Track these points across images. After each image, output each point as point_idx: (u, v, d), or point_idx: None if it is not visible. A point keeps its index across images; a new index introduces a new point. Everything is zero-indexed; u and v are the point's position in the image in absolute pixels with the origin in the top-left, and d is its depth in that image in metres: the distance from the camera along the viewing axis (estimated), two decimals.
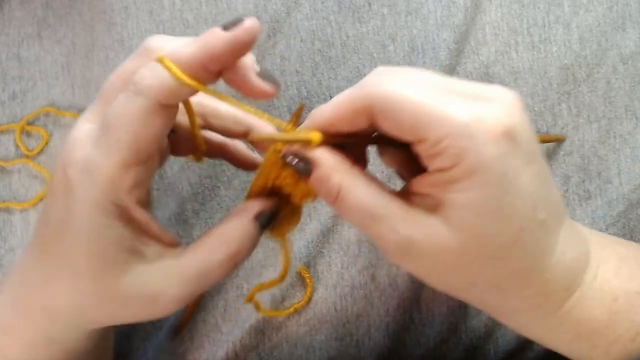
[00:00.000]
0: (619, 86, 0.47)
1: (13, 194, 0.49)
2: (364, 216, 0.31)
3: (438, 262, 0.31)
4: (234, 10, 0.46)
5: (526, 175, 0.30)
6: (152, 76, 0.30)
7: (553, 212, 0.32)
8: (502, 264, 0.31)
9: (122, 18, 0.47)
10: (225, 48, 0.30)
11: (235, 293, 0.46)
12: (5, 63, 0.50)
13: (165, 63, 0.30)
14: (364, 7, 0.47)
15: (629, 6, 0.47)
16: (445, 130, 0.29)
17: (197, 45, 0.30)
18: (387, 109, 0.30)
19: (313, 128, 0.32)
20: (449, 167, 0.30)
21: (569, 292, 0.33)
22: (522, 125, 0.30)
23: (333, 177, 0.31)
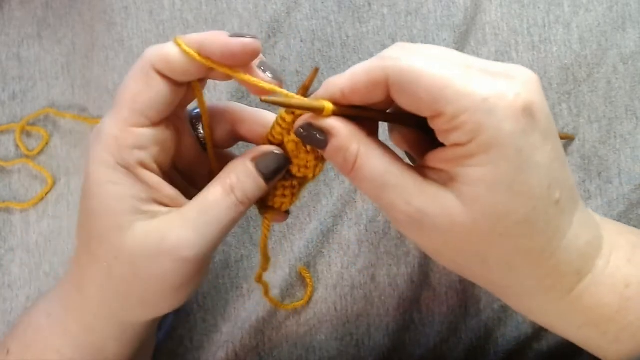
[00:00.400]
0: (619, 86, 0.46)
1: (13, 194, 0.49)
2: (378, 185, 0.31)
3: (449, 236, 0.31)
4: (233, 11, 0.46)
5: (543, 153, 0.30)
6: (154, 48, 0.33)
7: (568, 193, 0.31)
8: (513, 241, 0.31)
9: (122, 18, 0.47)
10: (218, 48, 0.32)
11: (235, 293, 0.46)
12: (5, 63, 0.50)
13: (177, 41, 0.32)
14: (364, 7, 0.47)
15: (629, 6, 0.47)
16: (464, 105, 0.29)
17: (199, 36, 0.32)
18: (405, 81, 0.29)
19: (327, 97, 0.32)
20: (466, 142, 0.29)
21: (580, 276, 0.33)
22: (540, 103, 0.30)
23: (351, 146, 0.31)
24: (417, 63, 0.29)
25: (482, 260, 0.32)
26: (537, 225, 0.31)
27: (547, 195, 0.30)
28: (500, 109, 0.29)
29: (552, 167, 0.30)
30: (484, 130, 0.29)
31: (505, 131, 0.29)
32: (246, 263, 0.46)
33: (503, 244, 0.31)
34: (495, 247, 0.31)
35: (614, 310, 0.33)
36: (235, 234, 0.46)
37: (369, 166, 0.31)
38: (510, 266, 0.32)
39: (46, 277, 0.48)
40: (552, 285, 0.33)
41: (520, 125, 0.29)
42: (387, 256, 0.45)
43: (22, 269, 0.48)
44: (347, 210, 0.46)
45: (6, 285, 0.48)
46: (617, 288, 0.33)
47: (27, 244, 0.48)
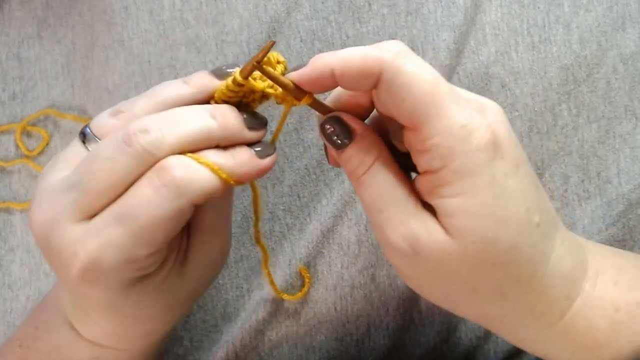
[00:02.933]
0: (619, 86, 0.46)
1: (13, 194, 0.49)
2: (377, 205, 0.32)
3: (441, 266, 0.31)
4: (234, 11, 0.46)
5: (516, 179, 0.31)
6: (192, 177, 0.30)
7: (547, 217, 0.32)
8: (502, 270, 0.31)
9: (122, 18, 0.47)
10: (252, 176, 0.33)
11: (235, 293, 0.46)
12: (5, 63, 0.50)
13: (212, 167, 0.31)
14: (364, 7, 0.47)
15: (629, 6, 0.47)
16: (442, 126, 0.29)
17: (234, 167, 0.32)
18: (397, 81, 0.30)
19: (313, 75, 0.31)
20: (438, 168, 0.30)
21: (569, 300, 0.33)
22: (508, 135, 0.31)
23: (368, 157, 0.32)
24: (414, 66, 0.29)
25: (473, 290, 0.32)
26: (524, 250, 0.31)
27: (528, 219, 0.31)
28: (474, 138, 0.29)
29: (527, 191, 0.31)
30: (456, 156, 0.29)
31: (478, 159, 0.29)
32: (246, 263, 0.46)
33: (494, 272, 0.31)
34: (487, 275, 0.31)
35: (605, 335, 0.33)
36: (235, 234, 0.46)
37: (375, 182, 0.32)
38: (502, 294, 0.32)
39: (46, 277, 0.48)
40: (544, 312, 0.33)
41: (490, 155, 0.30)
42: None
43: (22, 269, 0.48)
44: (347, 210, 0.46)
45: (6, 285, 0.48)
46: (607, 312, 0.33)
47: (27, 244, 0.48)
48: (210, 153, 0.31)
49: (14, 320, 0.47)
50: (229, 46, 0.46)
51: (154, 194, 0.29)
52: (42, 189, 0.32)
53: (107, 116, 0.33)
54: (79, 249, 0.30)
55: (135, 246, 0.30)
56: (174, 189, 0.29)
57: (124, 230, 0.30)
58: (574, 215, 0.46)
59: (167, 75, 0.46)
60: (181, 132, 0.30)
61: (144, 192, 0.29)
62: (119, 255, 0.30)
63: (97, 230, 0.30)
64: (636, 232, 0.46)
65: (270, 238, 0.46)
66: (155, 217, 0.29)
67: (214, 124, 0.32)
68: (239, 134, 0.33)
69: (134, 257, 0.30)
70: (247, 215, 0.46)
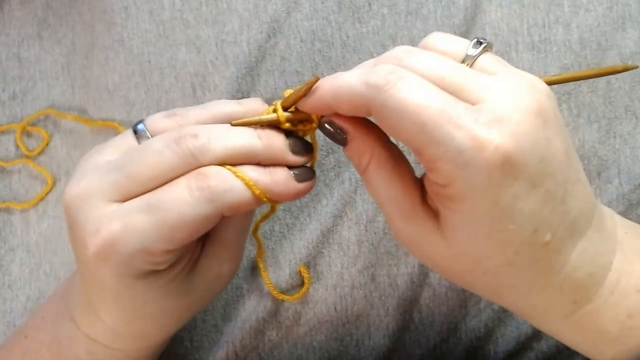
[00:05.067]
0: (619, 86, 0.46)
1: (13, 194, 0.49)
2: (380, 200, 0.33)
3: (437, 264, 0.32)
4: (234, 11, 0.46)
5: (528, 200, 0.29)
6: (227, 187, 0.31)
7: (564, 231, 0.31)
8: (496, 279, 0.32)
9: (122, 18, 0.47)
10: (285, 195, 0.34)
11: (235, 293, 0.46)
12: (5, 63, 0.50)
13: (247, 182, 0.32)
14: (364, 7, 0.47)
15: (629, 6, 0.47)
16: (439, 152, 0.29)
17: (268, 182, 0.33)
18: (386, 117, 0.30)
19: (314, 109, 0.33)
20: (442, 184, 0.30)
21: (577, 305, 0.33)
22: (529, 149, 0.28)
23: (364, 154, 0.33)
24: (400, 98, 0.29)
25: (469, 285, 0.33)
26: (522, 266, 0.31)
27: (533, 240, 0.30)
28: (476, 163, 0.28)
29: (541, 212, 0.30)
30: (457, 181, 0.29)
31: (479, 186, 0.29)
32: (246, 263, 0.46)
33: (487, 280, 0.32)
34: (479, 281, 0.32)
35: (614, 337, 0.33)
36: None
37: (372, 181, 0.33)
38: (498, 295, 0.33)
39: (46, 277, 0.48)
40: (545, 311, 0.33)
41: (495, 180, 0.28)
42: (387, 256, 0.45)
43: (22, 269, 0.48)
44: (347, 210, 0.46)
45: (6, 285, 0.48)
46: (619, 317, 0.33)
47: (27, 244, 0.48)
48: (249, 168, 0.32)
49: (14, 320, 0.47)
50: (229, 46, 0.46)
51: (188, 194, 0.31)
52: (84, 167, 0.33)
53: (162, 117, 0.35)
54: (103, 227, 0.31)
55: (156, 238, 0.31)
56: (208, 194, 0.31)
57: (150, 220, 0.31)
58: None
59: (167, 75, 0.46)
60: (226, 144, 0.32)
61: (179, 190, 0.31)
62: (138, 242, 0.31)
63: (125, 213, 0.31)
64: None
65: (270, 238, 0.46)
66: (182, 215, 0.31)
67: (258, 143, 0.33)
68: (282, 156, 0.34)
69: (151, 249, 0.31)
70: None
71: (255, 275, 0.46)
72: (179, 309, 0.37)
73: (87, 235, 0.32)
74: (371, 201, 0.45)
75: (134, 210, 0.31)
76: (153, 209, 0.31)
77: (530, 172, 0.29)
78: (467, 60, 0.31)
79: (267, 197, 0.33)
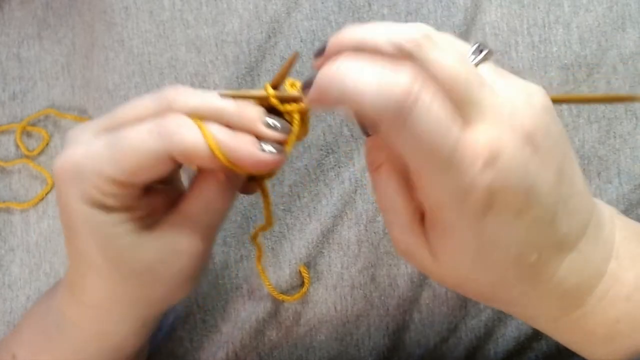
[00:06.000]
0: (619, 86, 0.46)
1: (13, 194, 0.49)
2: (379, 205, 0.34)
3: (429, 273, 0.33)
4: (234, 11, 0.46)
5: (512, 229, 0.29)
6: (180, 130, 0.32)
7: (551, 249, 0.31)
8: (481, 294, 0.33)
9: (122, 18, 0.47)
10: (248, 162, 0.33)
11: (235, 294, 0.46)
12: (5, 63, 0.50)
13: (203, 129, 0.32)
14: (364, 7, 0.47)
15: (629, 6, 0.47)
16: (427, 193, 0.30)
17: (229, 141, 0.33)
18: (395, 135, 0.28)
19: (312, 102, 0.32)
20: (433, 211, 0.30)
21: (564, 311, 0.33)
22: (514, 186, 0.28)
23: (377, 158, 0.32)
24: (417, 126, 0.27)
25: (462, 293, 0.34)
26: (508, 283, 0.31)
27: (518, 262, 0.30)
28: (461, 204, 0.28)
29: (527, 237, 0.30)
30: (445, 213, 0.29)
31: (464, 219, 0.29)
32: (246, 263, 0.46)
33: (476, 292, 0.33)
34: (469, 293, 0.34)
35: (602, 339, 0.33)
36: (235, 234, 0.46)
37: (378, 185, 0.32)
38: (489, 302, 0.35)
39: (46, 277, 0.48)
40: (534, 315, 0.34)
41: (480, 214, 0.28)
42: (387, 256, 0.45)
43: (22, 269, 0.48)
44: (347, 210, 0.46)
45: (6, 285, 0.48)
46: (607, 322, 0.33)
47: (27, 244, 0.48)
48: (213, 124, 0.33)
49: (14, 320, 0.47)
50: (229, 46, 0.46)
51: (145, 131, 0.32)
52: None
53: None
54: (70, 149, 0.33)
55: (107, 162, 0.32)
56: (161, 130, 0.32)
57: (106, 146, 0.32)
58: None
59: (167, 75, 0.46)
60: (199, 99, 0.33)
61: (140, 127, 0.32)
62: (91, 165, 0.32)
63: (92, 142, 0.33)
64: None
65: (270, 238, 0.46)
66: (133, 144, 0.32)
67: (231, 105, 0.33)
68: (252, 124, 0.33)
69: (103, 173, 0.32)
70: (247, 215, 0.46)
71: (255, 276, 0.46)
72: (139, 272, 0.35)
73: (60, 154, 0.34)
74: (371, 201, 0.45)
75: (99, 140, 0.33)
76: (112, 140, 0.33)
77: (516, 205, 0.28)
78: None
79: (224, 156, 0.32)
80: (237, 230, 0.46)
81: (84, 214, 0.33)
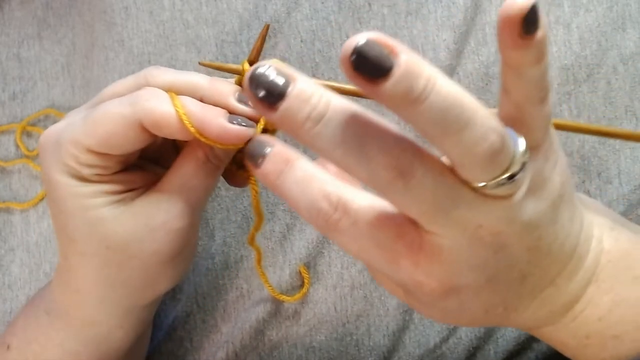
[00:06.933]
0: (619, 87, 0.46)
1: (13, 194, 0.49)
2: None
3: None
4: (234, 11, 0.46)
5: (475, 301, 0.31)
6: (150, 99, 0.33)
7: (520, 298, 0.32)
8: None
9: (122, 18, 0.47)
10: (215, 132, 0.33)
11: (235, 294, 0.46)
12: (5, 63, 0.50)
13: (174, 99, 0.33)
14: (364, 7, 0.47)
15: (629, 6, 0.47)
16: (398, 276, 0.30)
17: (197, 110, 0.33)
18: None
19: None
20: None
21: (537, 326, 0.34)
22: (473, 280, 0.30)
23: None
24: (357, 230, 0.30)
25: None
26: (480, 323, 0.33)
27: (485, 314, 0.32)
28: (418, 293, 0.30)
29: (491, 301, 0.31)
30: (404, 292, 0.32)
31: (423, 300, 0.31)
32: (246, 263, 0.46)
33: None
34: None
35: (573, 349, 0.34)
36: (234, 234, 0.46)
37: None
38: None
39: (46, 277, 0.48)
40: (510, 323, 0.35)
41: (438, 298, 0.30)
42: None
43: (22, 269, 0.48)
44: None
45: (6, 285, 0.48)
46: (577, 336, 0.34)
47: (27, 244, 0.48)
48: (186, 98, 0.34)
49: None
50: (229, 46, 0.46)
51: (119, 101, 0.33)
52: None
53: None
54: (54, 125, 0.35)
55: (82, 131, 0.33)
56: (133, 101, 0.33)
57: (83, 118, 0.33)
58: None
59: None
60: (174, 75, 0.34)
61: (116, 99, 0.33)
62: (69, 134, 0.33)
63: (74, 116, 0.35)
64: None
65: (270, 238, 0.46)
66: (106, 112, 0.33)
67: (205, 80, 0.35)
68: (224, 98, 0.34)
69: (80, 143, 0.33)
70: (247, 216, 0.46)
71: (255, 276, 0.46)
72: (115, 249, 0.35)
73: None
74: None
75: (80, 114, 0.34)
76: (90, 112, 0.34)
77: (475, 288, 0.30)
78: None
79: (192, 126, 0.33)
80: (237, 230, 0.46)
81: (61, 184, 0.34)
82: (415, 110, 0.24)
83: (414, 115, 0.25)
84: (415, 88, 0.24)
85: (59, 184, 0.34)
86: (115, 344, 0.39)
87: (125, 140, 0.33)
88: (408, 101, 0.24)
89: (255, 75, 0.26)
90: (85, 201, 0.34)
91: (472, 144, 0.25)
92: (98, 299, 0.37)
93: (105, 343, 0.39)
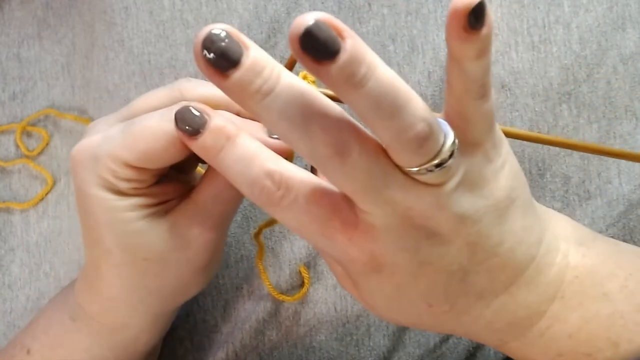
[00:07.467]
0: (619, 86, 0.46)
1: (13, 194, 0.49)
2: None
3: None
4: (234, 11, 0.46)
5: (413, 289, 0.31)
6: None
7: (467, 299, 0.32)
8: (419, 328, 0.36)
9: (122, 18, 0.47)
10: None
11: (235, 294, 0.46)
12: (5, 63, 0.50)
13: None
14: (364, 7, 0.47)
15: (629, 6, 0.47)
16: None
17: None
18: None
19: None
20: None
21: (502, 342, 0.34)
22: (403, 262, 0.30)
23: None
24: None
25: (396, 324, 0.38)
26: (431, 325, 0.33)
27: (430, 311, 0.32)
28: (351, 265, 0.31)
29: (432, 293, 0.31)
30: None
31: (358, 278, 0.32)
32: (246, 263, 0.46)
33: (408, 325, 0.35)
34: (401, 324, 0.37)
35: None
36: (235, 234, 0.46)
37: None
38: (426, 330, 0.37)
39: (46, 277, 0.48)
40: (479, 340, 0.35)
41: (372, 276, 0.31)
42: None
43: (22, 269, 0.48)
44: None
45: (6, 285, 0.48)
46: (548, 354, 0.33)
47: (27, 244, 0.48)
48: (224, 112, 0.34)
49: (14, 321, 0.47)
50: None
51: (159, 116, 0.32)
52: None
53: None
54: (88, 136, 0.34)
55: (120, 145, 0.32)
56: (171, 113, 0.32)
57: (122, 133, 0.33)
58: (575, 216, 0.46)
59: (167, 75, 0.46)
60: (210, 89, 0.34)
61: (154, 113, 0.33)
62: (109, 149, 0.33)
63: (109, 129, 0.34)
64: (636, 232, 0.46)
65: (270, 238, 0.46)
66: (145, 126, 0.32)
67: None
68: None
69: (119, 158, 0.32)
70: (247, 216, 0.46)
71: (255, 276, 0.46)
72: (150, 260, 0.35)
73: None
74: None
75: (115, 128, 0.34)
76: (127, 124, 0.33)
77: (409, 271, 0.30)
78: None
79: None
80: (237, 230, 0.46)
81: (98, 199, 0.33)
82: (355, 94, 0.25)
83: (353, 98, 0.26)
84: (357, 73, 0.25)
85: (95, 198, 0.33)
86: (141, 347, 0.40)
87: (165, 155, 0.33)
88: (349, 85, 0.25)
89: (209, 36, 0.26)
90: (122, 214, 0.34)
91: (401, 130, 0.26)
92: (132, 306, 0.37)
93: (132, 347, 0.39)
